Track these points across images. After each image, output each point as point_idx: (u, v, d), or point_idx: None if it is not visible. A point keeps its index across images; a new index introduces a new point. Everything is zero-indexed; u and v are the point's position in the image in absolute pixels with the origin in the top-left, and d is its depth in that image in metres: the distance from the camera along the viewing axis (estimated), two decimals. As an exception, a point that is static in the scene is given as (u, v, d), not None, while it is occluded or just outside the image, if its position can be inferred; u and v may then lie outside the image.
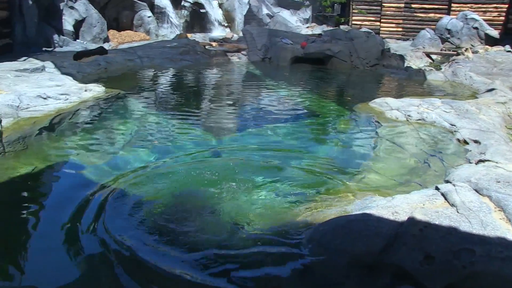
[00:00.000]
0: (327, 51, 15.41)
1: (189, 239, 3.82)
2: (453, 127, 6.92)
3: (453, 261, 3.04)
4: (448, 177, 4.78)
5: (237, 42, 19.07)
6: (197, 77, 13.61)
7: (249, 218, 4.21)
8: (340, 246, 3.43)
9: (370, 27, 24.22)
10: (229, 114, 8.85)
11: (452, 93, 10.88)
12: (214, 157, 6.02)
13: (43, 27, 15.53)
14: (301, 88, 11.81)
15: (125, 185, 4.97)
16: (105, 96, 8.82)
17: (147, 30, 21.54)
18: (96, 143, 6.46)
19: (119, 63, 13.94)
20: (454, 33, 20.64)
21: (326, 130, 7.47)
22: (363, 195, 4.63)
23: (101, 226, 4.07)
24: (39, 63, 11.31)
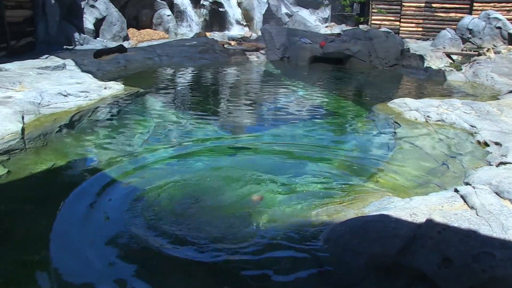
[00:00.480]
0: (346, 50, 15.33)
1: (204, 236, 3.83)
2: (473, 128, 6.81)
3: (472, 265, 2.99)
4: (467, 179, 4.71)
5: (256, 41, 19.08)
6: (215, 76, 13.65)
7: (265, 216, 4.21)
8: (357, 247, 3.40)
9: (389, 27, 24.01)
10: (247, 113, 8.85)
11: (473, 94, 10.72)
12: (231, 155, 6.02)
13: (65, 26, 15.76)
14: (320, 87, 11.76)
15: (143, 182, 5.01)
16: (124, 94, 8.90)
17: (166, 28, 21.69)
18: (115, 140, 6.52)
19: (138, 61, 14.06)
20: (475, 33, 20.32)
21: (344, 130, 7.43)
22: (380, 195, 4.59)
23: (121, 220, 4.10)
24: (60, 61, 11.48)
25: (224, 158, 5.97)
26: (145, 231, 3.95)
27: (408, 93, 11.14)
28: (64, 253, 3.64)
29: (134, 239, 3.83)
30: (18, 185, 4.86)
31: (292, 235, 3.87)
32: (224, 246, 3.70)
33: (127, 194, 4.72)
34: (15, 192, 4.73)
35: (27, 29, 13.34)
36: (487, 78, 12.03)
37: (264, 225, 4.05)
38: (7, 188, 4.80)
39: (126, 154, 5.95)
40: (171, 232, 3.93)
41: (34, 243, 3.80)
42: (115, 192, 4.76)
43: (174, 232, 3.93)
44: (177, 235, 3.88)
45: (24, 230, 4.01)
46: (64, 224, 4.10)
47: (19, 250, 3.66)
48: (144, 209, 4.36)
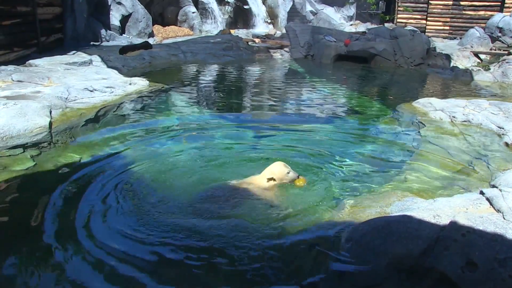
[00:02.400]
0: (371, 49, 15.18)
1: (225, 232, 3.85)
2: (500, 130, 6.67)
3: (498, 270, 2.92)
4: (494, 182, 4.62)
5: (280, 39, 19.05)
6: (239, 73, 13.68)
7: (287, 215, 4.20)
8: (379, 247, 3.37)
9: (415, 25, 23.64)
10: (270, 110, 8.84)
11: (501, 95, 10.51)
12: (249, 151, 6.03)
13: (92, 22, 15.98)
14: (344, 86, 11.68)
15: (167, 176, 5.06)
16: (149, 89, 9.00)
17: (191, 25, 21.79)
18: (139, 135, 6.59)
19: (163, 57, 14.18)
20: (506, 31, 19.82)
21: (368, 130, 7.36)
22: (403, 196, 4.53)
23: (146, 213, 4.15)
24: (87, 57, 11.66)
25: (243, 154, 5.97)
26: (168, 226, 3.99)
27: (434, 93, 10.97)
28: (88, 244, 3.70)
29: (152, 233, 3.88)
30: (44, 177, 4.96)
31: (314, 234, 3.86)
32: (242, 244, 3.71)
33: (150, 186, 4.77)
34: (41, 184, 4.83)
35: (56, 26, 13.57)
36: (517, 79, 11.77)
37: (286, 223, 4.05)
38: (33, 179, 4.90)
39: (149, 148, 6.01)
40: (198, 223, 3.96)
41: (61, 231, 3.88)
42: (137, 185, 4.81)
43: (192, 220, 3.96)
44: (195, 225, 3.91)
45: (48, 220, 4.09)
46: (85, 217, 4.16)
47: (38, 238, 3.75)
48: (166, 202, 4.40)
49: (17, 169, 5.02)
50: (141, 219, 4.10)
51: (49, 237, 3.81)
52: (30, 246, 3.69)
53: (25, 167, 5.08)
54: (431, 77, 13.86)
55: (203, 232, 3.86)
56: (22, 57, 10.97)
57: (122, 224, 4.03)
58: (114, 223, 4.07)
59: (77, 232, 3.88)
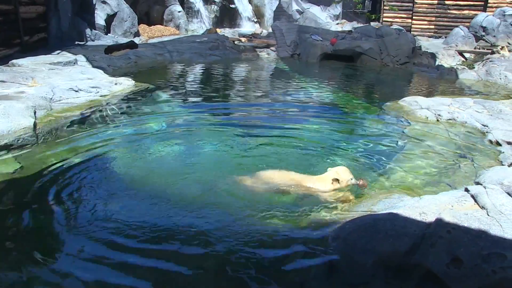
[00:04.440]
0: (357, 48, 15.26)
1: (211, 234, 3.85)
2: (485, 127, 6.76)
3: (482, 265, 2.97)
4: (478, 179, 4.68)
5: (267, 38, 19.06)
6: (225, 73, 13.66)
7: (273, 214, 4.21)
8: (366, 245, 3.40)
9: (401, 24, 23.82)
10: (256, 110, 8.85)
11: (485, 93, 10.64)
12: (236, 151, 6.03)
13: (77, 22, 15.85)
14: (330, 85, 11.72)
15: (154, 176, 5.04)
16: (134, 89, 8.95)
17: (177, 25, 21.73)
18: (125, 135, 6.56)
19: (149, 57, 14.13)
20: (489, 30, 20.08)
21: (354, 128, 7.40)
22: (389, 194, 4.57)
23: (127, 214, 4.14)
24: (71, 57, 11.56)
25: (229, 154, 5.97)
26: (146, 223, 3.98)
27: (419, 92, 11.06)
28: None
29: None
30: (29, 179, 4.90)
31: (300, 233, 3.87)
32: (227, 245, 3.72)
33: (135, 187, 4.75)
34: (27, 186, 4.77)
35: (40, 25, 13.42)
36: (501, 77, 11.93)
37: (272, 222, 4.06)
38: (19, 183, 4.85)
39: (136, 148, 5.98)
40: (169, 221, 3.96)
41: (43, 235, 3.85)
42: (123, 187, 4.79)
43: (167, 223, 3.96)
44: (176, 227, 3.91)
45: (35, 224, 4.05)
46: (69, 219, 4.13)
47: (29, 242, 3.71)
48: (152, 202, 4.39)
49: (2, 171, 4.97)
50: (134, 220, 4.09)
51: (36, 237, 3.78)
52: (16, 248, 3.66)
53: (9, 168, 5.03)
54: (417, 76, 13.98)
55: (184, 227, 3.87)
56: (5, 56, 10.84)
57: (118, 225, 4.02)
58: (105, 224, 4.04)
59: (64, 233, 3.85)
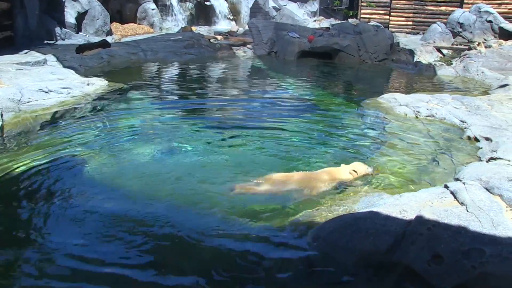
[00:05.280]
0: (335, 45, 15.39)
1: (190, 236, 3.84)
2: (463, 124, 6.89)
3: (462, 261, 3.03)
4: (457, 175, 4.77)
5: (243, 36, 19.06)
6: (201, 71, 13.63)
7: (253, 214, 4.22)
8: (347, 244, 3.43)
9: (379, 21, 24.10)
10: (233, 109, 8.85)
11: (463, 89, 10.83)
12: (215, 151, 6.03)
13: (45, 20, 15.57)
14: (308, 83, 11.80)
15: (127, 178, 5.00)
16: (108, 90, 8.85)
17: (151, 23, 21.56)
18: (99, 137, 6.48)
19: (122, 56, 14.00)
20: (466, 26, 20.46)
21: (332, 127, 7.44)
22: (370, 192, 4.63)
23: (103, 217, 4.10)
24: (40, 56, 11.36)
25: (206, 154, 5.96)
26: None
27: (398, 88, 11.24)
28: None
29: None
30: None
31: (281, 233, 3.89)
32: (206, 248, 3.73)
33: (111, 193, 4.71)
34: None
35: (5, 23, 13.11)
36: (478, 73, 12.16)
37: (250, 223, 4.06)
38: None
39: (110, 151, 5.92)
40: (146, 223, 3.95)
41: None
42: (97, 191, 4.74)
43: (155, 225, 3.94)
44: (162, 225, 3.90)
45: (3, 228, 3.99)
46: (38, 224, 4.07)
47: None
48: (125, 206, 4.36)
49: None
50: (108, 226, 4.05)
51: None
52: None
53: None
54: (395, 73, 14.17)
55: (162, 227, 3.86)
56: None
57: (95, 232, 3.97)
58: (77, 229, 4.00)
59: (35, 236, 3.80)
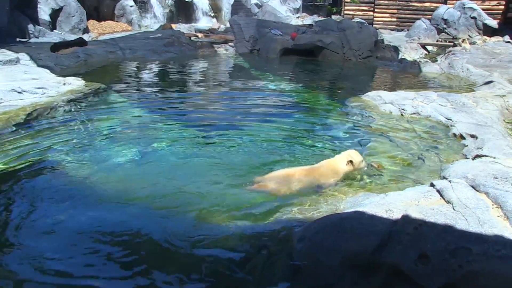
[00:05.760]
0: (318, 42, 15.44)
1: (168, 239, 3.82)
2: (449, 121, 6.97)
3: (449, 260, 3.05)
4: (444, 173, 4.81)
5: (224, 33, 19.05)
6: (182, 70, 13.56)
7: (236, 216, 4.21)
8: (333, 245, 3.43)
9: (363, 17, 24.31)
10: (215, 108, 8.82)
11: (448, 86, 10.96)
12: (197, 153, 6.00)
13: (17, 16, 15.35)
14: (291, 81, 11.81)
15: (103, 181, 4.94)
16: (85, 90, 8.75)
17: (129, 20, 21.42)
18: (76, 139, 6.39)
19: (99, 55, 13.87)
20: (451, 23, 20.74)
21: (316, 125, 7.46)
22: (355, 192, 4.64)
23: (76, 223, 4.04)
24: (12, 55, 11.18)
25: (187, 154, 5.93)
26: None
27: (383, 86, 11.31)
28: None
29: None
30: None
31: (265, 234, 3.88)
32: (186, 249, 3.71)
33: (86, 194, 4.65)
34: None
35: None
36: (463, 70, 12.32)
37: (234, 224, 4.05)
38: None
39: (87, 153, 5.85)
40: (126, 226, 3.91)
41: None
42: (73, 195, 4.68)
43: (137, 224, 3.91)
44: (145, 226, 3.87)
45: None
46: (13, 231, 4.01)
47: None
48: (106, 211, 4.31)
49: None
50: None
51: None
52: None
53: None
54: (380, 70, 14.27)
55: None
56: None
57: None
58: (50, 236, 3.94)
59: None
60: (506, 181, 4.05)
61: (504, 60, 13.96)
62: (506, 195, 3.74)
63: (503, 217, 3.46)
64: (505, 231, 3.25)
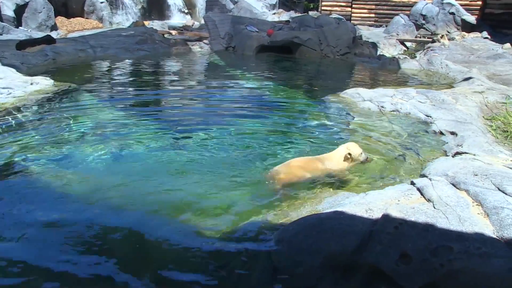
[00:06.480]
0: (295, 39, 15.49)
1: (147, 238, 3.80)
2: (428, 118, 7.06)
3: (430, 260, 3.09)
4: (424, 171, 4.88)
5: (199, 30, 18.98)
6: (155, 69, 13.47)
7: (214, 218, 4.19)
8: (312, 246, 3.44)
9: (340, 13, 24.47)
10: (189, 108, 8.77)
11: (428, 83, 11.11)
12: (172, 152, 5.96)
13: (-21, 13, 15.07)
14: (268, 79, 11.82)
15: (74, 185, 4.88)
16: (54, 89, 8.63)
17: (99, 17, 21.18)
18: (44, 141, 6.29)
19: (69, 53, 13.69)
20: (429, 19, 21.03)
21: (294, 124, 7.48)
22: (334, 191, 4.67)
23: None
24: (-25, 54, 10.98)
25: (161, 155, 5.90)
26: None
27: (361, 83, 11.41)
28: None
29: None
30: None
31: (243, 237, 3.88)
32: (168, 255, 3.68)
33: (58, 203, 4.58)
34: None
35: None
36: (442, 66, 12.50)
37: (211, 227, 4.04)
38: None
39: (56, 156, 5.76)
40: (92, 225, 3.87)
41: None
42: (43, 199, 4.61)
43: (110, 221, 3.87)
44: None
45: None
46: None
47: None
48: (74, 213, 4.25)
49: None
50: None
51: None
52: None
53: None
54: (358, 67, 14.39)
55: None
56: None
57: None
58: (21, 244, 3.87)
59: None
60: (486, 178, 4.12)
61: (482, 56, 14.22)
62: (486, 192, 3.81)
63: (483, 215, 3.52)
64: (485, 228, 3.31)
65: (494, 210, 3.52)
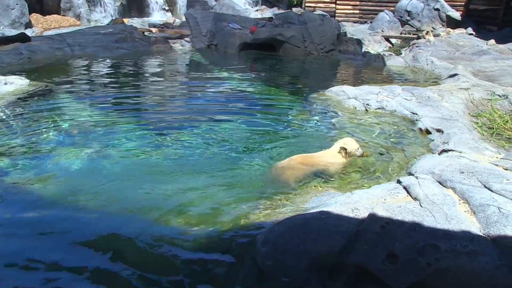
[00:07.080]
0: (279, 36, 15.51)
1: (130, 240, 3.78)
2: (414, 115, 7.12)
3: (417, 259, 3.11)
4: (410, 169, 4.92)
5: (180, 28, 18.93)
6: (135, 67, 13.38)
7: (197, 218, 4.18)
8: (298, 247, 3.45)
9: (325, 10, 24.57)
10: (171, 108, 8.74)
11: (413, 79, 11.20)
12: (153, 152, 5.94)
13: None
14: (251, 77, 11.82)
15: (54, 188, 4.83)
16: (30, 89, 8.54)
17: (77, 14, 20.99)
18: (19, 143, 6.22)
19: (45, 52, 13.54)
20: (414, 15, 21.22)
21: (278, 123, 7.49)
22: (320, 191, 4.69)
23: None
24: None
25: (143, 155, 5.87)
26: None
27: (346, 80, 11.48)
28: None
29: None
30: None
31: (227, 239, 3.87)
32: (150, 255, 3.66)
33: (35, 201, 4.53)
34: None
35: None
36: (427, 63, 12.62)
37: (194, 227, 4.03)
38: None
39: (33, 157, 5.69)
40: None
41: None
42: (20, 202, 4.55)
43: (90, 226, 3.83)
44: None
45: None
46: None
47: None
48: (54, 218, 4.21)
49: None
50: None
51: None
52: None
53: None
54: (343, 64, 14.45)
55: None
56: None
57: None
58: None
59: None
60: (472, 175, 4.17)
61: (467, 53, 14.39)
62: (472, 189, 3.85)
63: (470, 212, 3.56)
64: (472, 226, 3.35)
65: (481, 207, 3.56)
